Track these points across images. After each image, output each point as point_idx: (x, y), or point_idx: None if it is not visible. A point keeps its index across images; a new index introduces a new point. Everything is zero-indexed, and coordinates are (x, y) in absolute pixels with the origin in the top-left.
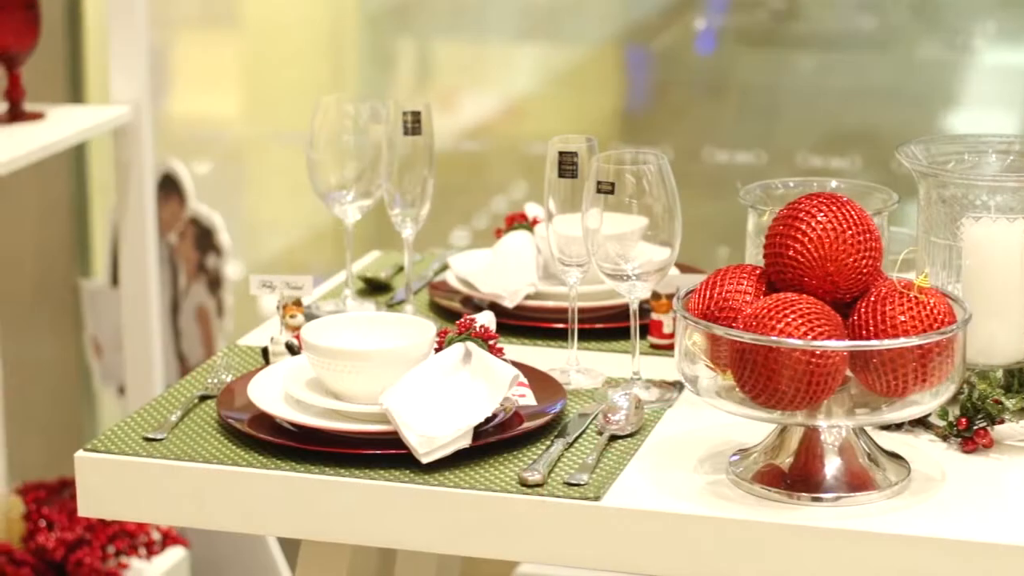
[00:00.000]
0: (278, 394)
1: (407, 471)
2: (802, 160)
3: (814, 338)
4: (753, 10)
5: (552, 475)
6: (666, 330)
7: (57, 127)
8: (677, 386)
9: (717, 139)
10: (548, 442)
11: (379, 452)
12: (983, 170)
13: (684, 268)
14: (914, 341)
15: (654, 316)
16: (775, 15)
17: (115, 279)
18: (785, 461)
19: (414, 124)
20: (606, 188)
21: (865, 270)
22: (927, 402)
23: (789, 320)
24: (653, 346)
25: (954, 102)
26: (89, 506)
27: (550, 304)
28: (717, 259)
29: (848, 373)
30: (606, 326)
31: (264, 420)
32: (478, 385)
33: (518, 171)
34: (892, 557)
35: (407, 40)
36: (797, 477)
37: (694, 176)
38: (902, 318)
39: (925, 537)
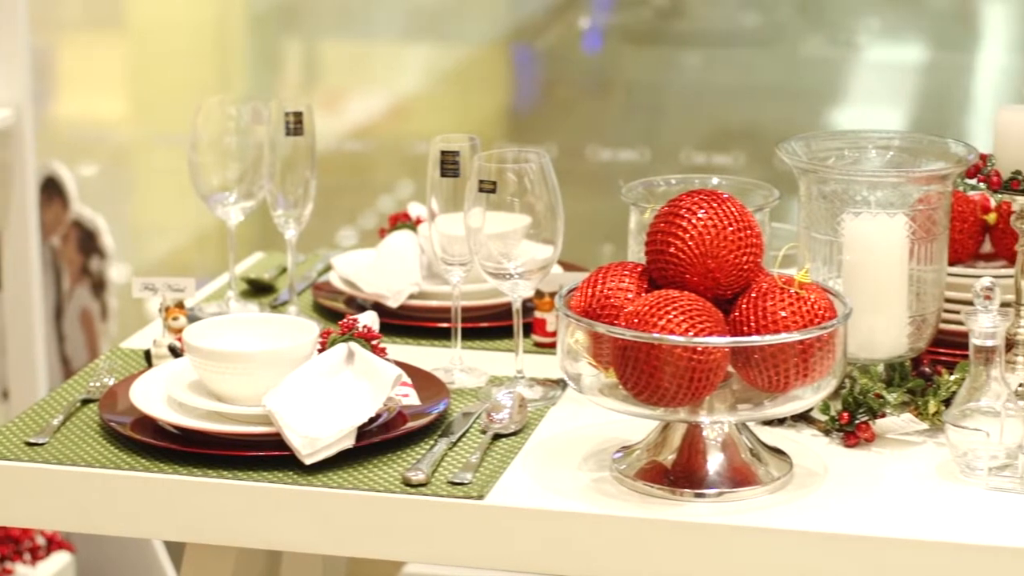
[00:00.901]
0: (161, 397)
1: (290, 472)
2: (686, 157)
3: (695, 335)
4: (638, 8)
5: (436, 474)
6: (549, 328)
7: None
8: (560, 384)
9: (602, 137)
10: (432, 441)
11: (262, 454)
12: (863, 166)
13: (568, 266)
14: (795, 336)
15: (537, 314)
16: (659, 13)
17: None
18: (668, 458)
19: (296, 125)
20: (488, 187)
21: (746, 266)
22: (809, 397)
23: (670, 317)
24: (537, 344)
25: (839, 98)
26: None
27: (434, 303)
28: (602, 257)
29: (730, 369)
30: (490, 325)
31: (147, 423)
32: (361, 385)
33: (404, 171)
34: (775, 552)
35: (294, 41)
36: (680, 473)
37: (579, 174)
38: (783, 314)
39: (807, 531)
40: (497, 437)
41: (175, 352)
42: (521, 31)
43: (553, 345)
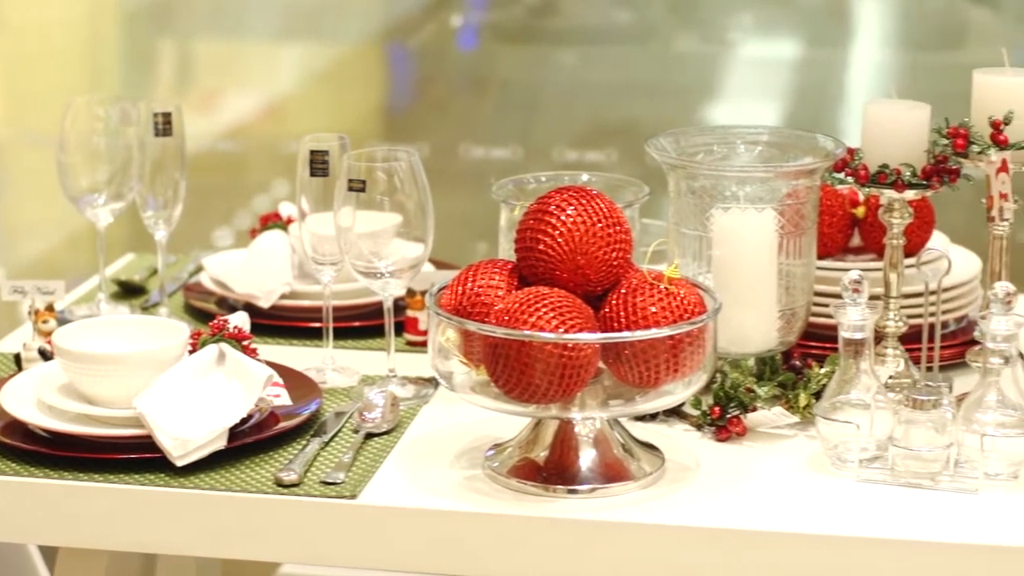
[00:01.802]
0: (31, 400)
1: (162, 475)
2: (559, 155)
3: (566, 331)
4: (511, 6)
5: (308, 475)
6: (421, 327)
7: None
8: (433, 382)
9: (476, 135)
10: (304, 442)
11: (134, 456)
12: (732, 161)
13: (440, 264)
14: (665, 332)
15: (409, 313)
16: (532, 11)
17: None
18: (540, 454)
19: (164, 126)
20: (357, 186)
21: (615, 262)
22: (680, 392)
23: (541, 314)
24: (409, 343)
25: (713, 94)
26: None
27: (305, 303)
28: (476, 255)
29: (601, 365)
30: (362, 324)
31: (17, 427)
32: (232, 386)
33: (279, 170)
34: (648, 547)
35: (168, 40)
36: (552, 470)
37: (452, 172)
38: (653, 309)
39: (680, 526)
40: (370, 436)
41: (45, 355)
42: (395, 29)
43: (425, 344)
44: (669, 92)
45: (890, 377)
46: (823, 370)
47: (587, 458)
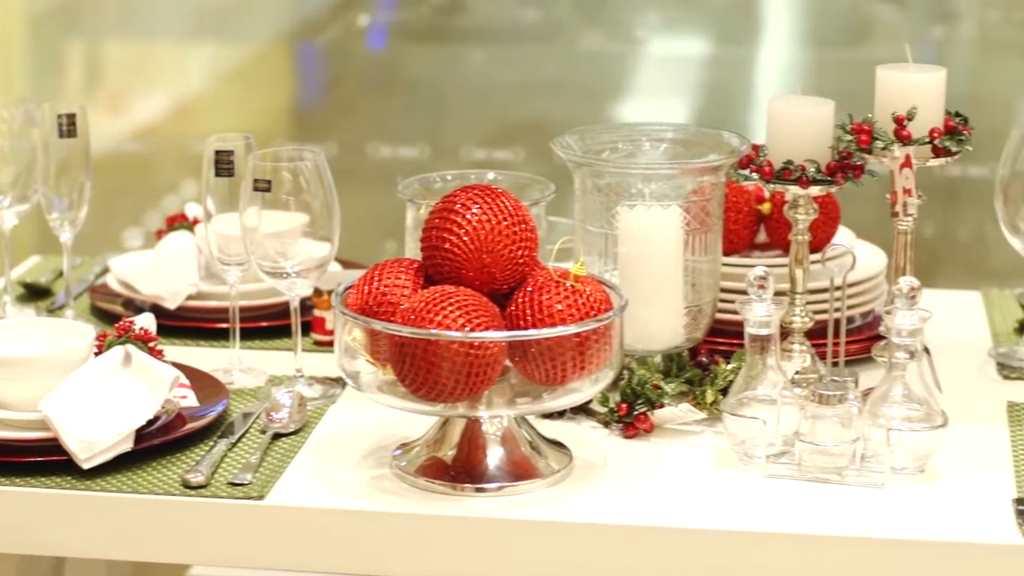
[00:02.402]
0: None
1: (69, 477)
2: (466, 153)
3: (472, 329)
4: (418, 5)
5: (216, 476)
6: (328, 326)
7: None
8: (340, 382)
9: (384, 134)
10: (211, 443)
11: (40, 459)
12: (638, 158)
13: (347, 264)
14: (571, 329)
15: (316, 313)
16: (438, 10)
17: None
18: (448, 453)
19: (69, 127)
20: (263, 186)
21: (521, 260)
22: (587, 389)
23: (447, 313)
24: (316, 343)
25: (622, 92)
26: None
27: (212, 304)
28: (384, 254)
29: (508, 363)
30: (269, 324)
31: None
32: (139, 388)
33: (189, 171)
34: (556, 545)
35: (75, 41)
36: (460, 469)
37: (360, 171)
38: (559, 307)
39: (588, 523)
40: (277, 437)
41: None
42: (304, 29)
43: (332, 343)
44: (577, 90)
45: (796, 372)
46: (730, 366)
47: (495, 456)
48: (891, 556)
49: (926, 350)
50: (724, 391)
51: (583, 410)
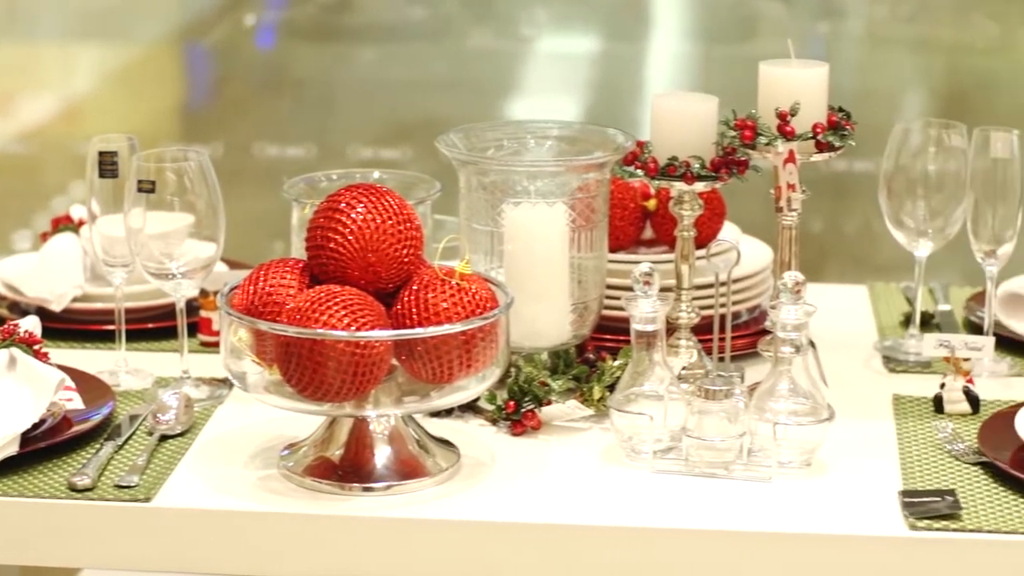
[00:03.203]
0: None
1: None
2: (353, 152)
3: (358, 329)
4: (305, 4)
5: (102, 478)
6: (215, 327)
7: None
8: (227, 383)
9: (271, 134)
10: (98, 445)
11: None
12: (523, 156)
13: (234, 264)
14: (457, 327)
15: (203, 314)
16: (326, 8)
17: None
18: (335, 453)
19: None
20: (147, 187)
21: (406, 259)
22: (474, 387)
23: (332, 312)
24: (203, 344)
25: (512, 90)
26: None
27: (97, 306)
28: (272, 254)
29: (394, 362)
30: (155, 326)
31: None
32: (24, 391)
33: (77, 172)
34: (445, 543)
35: None
36: (348, 468)
37: (248, 171)
38: (444, 305)
39: (476, 521)
40: (164, 438)
41: None
42: (193, 29)
43: (218, 344)
44: (467, 88)
45: (683, 368)
46: (616, 362)
47: (382, 455)
48: (779, 550)
49: (811, 344)
50: (611, 387)
51: (470, 408)
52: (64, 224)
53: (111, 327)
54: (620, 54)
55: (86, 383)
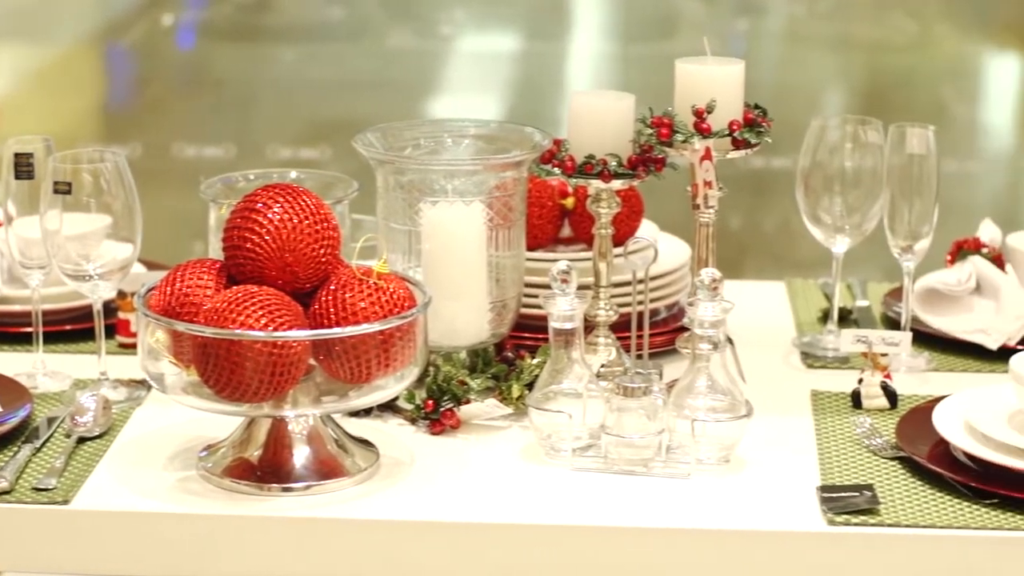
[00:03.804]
0: None
1: None
2: (272, 152)
3: (275, 329)
4: (222, 4)
5: (20, 481)
6: (133, 328)
7: None
8: (145, 384)
9: (190, 134)
10: (15, 448)
11: None
12: (440, 155)
13: (152, 265)
14: (375, 327)
15: (121, 315)
16: (244, 8)
17: None
18: (254, 454)
19: None
20: (63, 188)
21: (324, 259)
22: (392, 386)
23: (249, 312)
24: (121, 345)
25: (434, 89)
26: None
27: (15, 308)
28: (192, 255)
29: (313, 362)
30: (73, 327)
31: None
32: None
33: None
34: (364, 542)
35: None
36: (267, 468)
37: (167, 172)
38: (362, 304)
39: (395, 520)
40: (82, 440)
41: None
42: (113, 29)
43: (137, 345)
44: (388, 88)
45: (602, 366)
46: (535, 361)
47: (301, 456)
48: (698, 546)
49: (729, 341)
50: (530, 386)
51: (389, 407)
52: None
53: (28, 329)
54: (541, 53)
55: (3, 386)
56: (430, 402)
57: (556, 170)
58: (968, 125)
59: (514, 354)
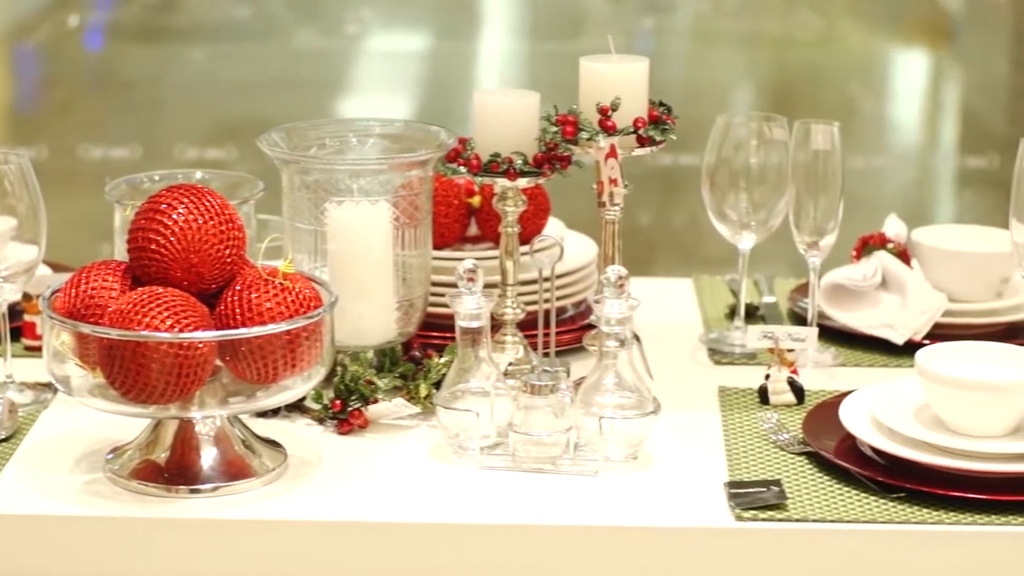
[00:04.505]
0: None
1: None
2: (179, 153)
3: (181, 330)
4: (129, 5)
5: None
6: (39, 331)
7: None
8: (51, 387)
9: (97, 135)
10: None
11: None
12: (345, 154)
13: (58, 267)
14: (281, 327)
15: (27, 318)
16: (150, 9)
17: None
18: (161, 455)
19: None
20: None
21: (229, 260)
22: (299, 387)
23: (155, 314)
24: (28, 348)
25: (343, 88)
26: None
27: None
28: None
29: (219, 363)
30: None
31: None
32: None
33: None
34: (272, 543)
35: None
36: (174, 470)
37: (74, 173)
38: (268, 305)
39: (304, 521)
40: None
41: None
42: (19, 30)
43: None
44: (298, 87)
45: (510, 364)
46: (443, 359)
47: (208, 457)
48: (607, 543)
49: (636, 338)
50: (437, 385)
51: (297, 407)
52: None
53: None
54: (450, 52)
55: None
56: (338, 402)
57: (462, 169)
58: (875, 121)
59: (421, 353)
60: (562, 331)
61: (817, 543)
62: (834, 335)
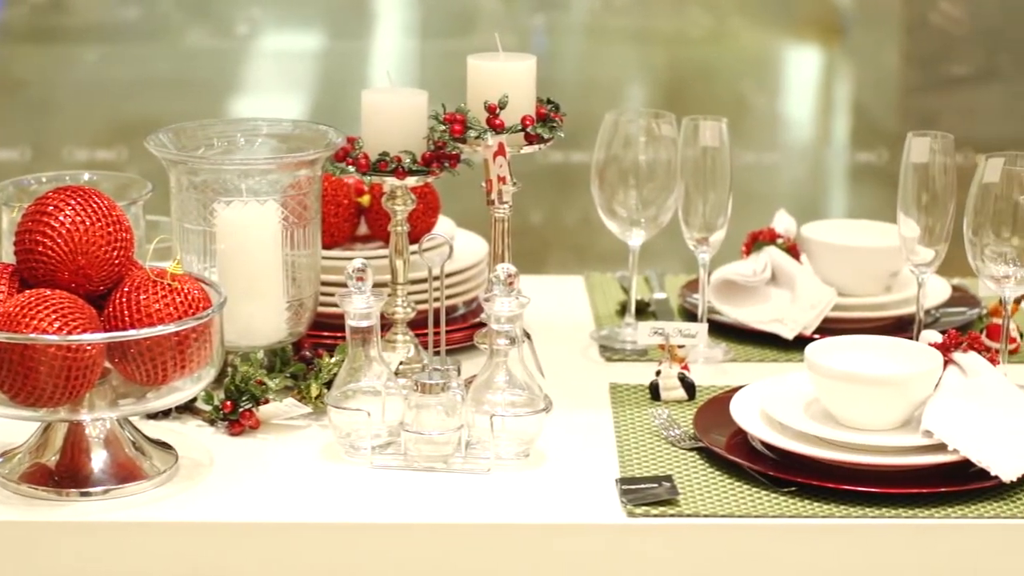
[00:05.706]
0: None
1: None
2: (68, 154)
3: (69, 332)
4: (16, 5)
5: None
6: None
7: None
8: None
9: None
10: None
11: None
12: (233, 155)
13: None
14: (170, 328)
15: None
16: (37, 9)
17: None
18: (51, 459)
19: None
20: None
21: (117, 261)
22: (189, 388)
23: (43, 316)
24: None
25: (234, 88)
26: None
27: None
28: None
29: (108, 365)
30: None
31: None
32: None
33: None
34: (165, 545)
35: None
36: (64, 473)
37: None
38: (157, 306)
39: (195, 522)
40: None
41: None
42: None
43: None
44: (188, 88)
45: (401, 363)
46: (333, 359)
47: (99, 459)
48: (499, 540)
49: (527, 335)
50: (328, 384)
51: (188, 409)
52: None
53: None
54: (342, 51)
55: None
56: (228, 403)
57: (351, 168)
58: (767, 117)
59: (312, 353)
60: (452, 329)
61: (709, 538)
62: (724, 330)
